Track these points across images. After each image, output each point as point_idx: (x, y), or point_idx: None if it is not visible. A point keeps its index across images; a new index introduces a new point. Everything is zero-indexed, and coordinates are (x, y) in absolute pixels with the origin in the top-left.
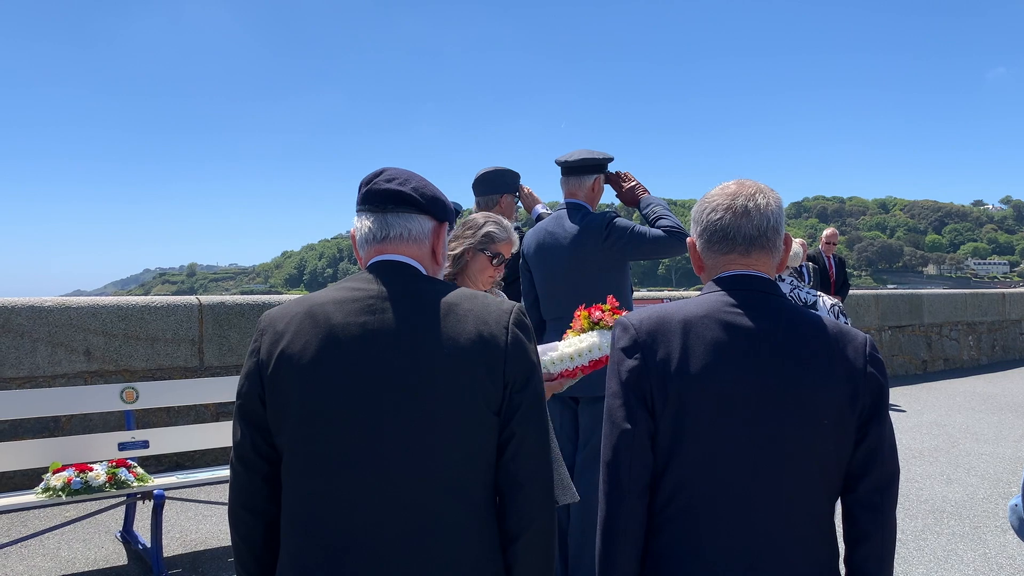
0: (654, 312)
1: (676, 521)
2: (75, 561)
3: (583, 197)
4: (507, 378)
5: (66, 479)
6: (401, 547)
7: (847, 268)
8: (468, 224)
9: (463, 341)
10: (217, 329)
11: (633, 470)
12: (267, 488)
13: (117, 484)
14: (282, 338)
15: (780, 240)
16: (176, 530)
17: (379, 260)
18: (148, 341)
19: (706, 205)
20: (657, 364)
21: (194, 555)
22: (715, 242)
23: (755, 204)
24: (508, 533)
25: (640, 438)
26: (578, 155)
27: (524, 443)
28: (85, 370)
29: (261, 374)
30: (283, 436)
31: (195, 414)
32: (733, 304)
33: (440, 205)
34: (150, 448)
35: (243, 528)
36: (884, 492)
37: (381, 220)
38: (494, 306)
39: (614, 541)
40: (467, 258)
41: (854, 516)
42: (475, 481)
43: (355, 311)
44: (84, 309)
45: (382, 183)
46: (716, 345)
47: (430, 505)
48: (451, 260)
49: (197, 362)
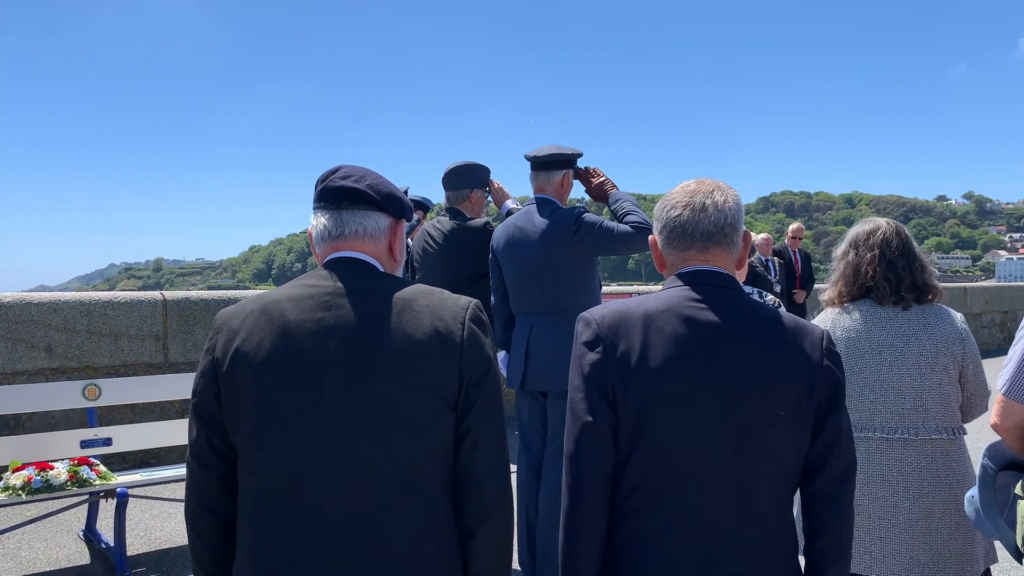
0: (616, 307)
1: (637, 513)
2: (36, 561)
3: (552, 192)
4: (463, 373)
5: (26, 478)
6: (357, 543)
7: (812, 263)
8: None
9: (419, 337)
10: (182, 325)
11: (595, 463)
12: (224, 487)
13: (79, 482)
14: (237, 336)
15: (738, 237)
16: (140, 528)
17: (335, 257)
18: (112, 337)
19: (666, 203)
20: (618, 358)
21: (159, 553)
22: (674, 238)
23: (712, 201)
24: (465, 528)
25: (601, 431)
26: (547, 150)
27: (480, 438)
28: (47, 367)
29: (216, 372)
30: (239, 434)
31: (160, 411)
32: (693, 299)
33: (396, 202)
34: (113, 446)
35: (200, 527)
36: (842, 484)
37: (336, 217)
38: (450, 302)
39: (576, 533)
40: None
41: (812, 508)
42: (432, 476)
43: (310, 308)
44: (45, 305)
45: (337, 180)
46: (676, 339)
47: (386, 501)
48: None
49: (162, 358)
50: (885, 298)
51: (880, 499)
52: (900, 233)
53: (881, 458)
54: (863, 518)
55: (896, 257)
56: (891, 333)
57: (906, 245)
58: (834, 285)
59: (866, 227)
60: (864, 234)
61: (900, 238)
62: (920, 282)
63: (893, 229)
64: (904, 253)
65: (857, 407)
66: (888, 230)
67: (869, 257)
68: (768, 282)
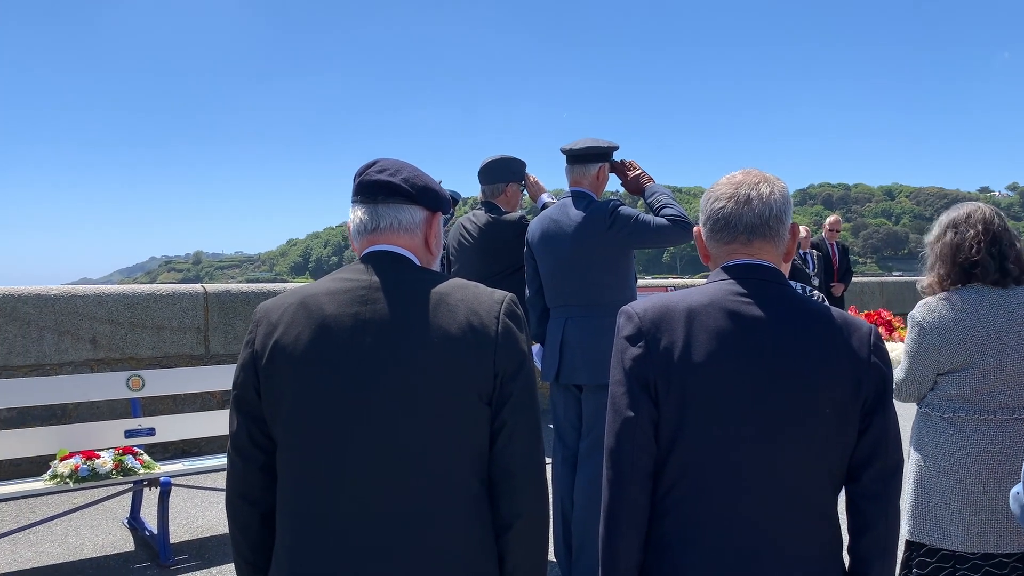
0: (659, 301)
1: (679, 508)
2: (83, 547)
3: (588, 185)
4: (498, 367)
5: (73, 466)
6: (393, 536)
7: (851, 255)
8: None
9: (454, 331)
10: (223, 317)
11: (636, 457)
12: (263, 478)
13: (124, 471)
14: (276, 329)
15: (785, 230)
16: (182, 517)
17: (371, 251)
18: (154, 329)
19: (711, 194)
20: (661, 352)
21: (200, 541)
22: (718, 230)
23: (758, 193)
24: (501, 522)
25: (643, 426)
26: (583, 143)
27: (516, 432)
28: (91, 358)
29: (256, 365)
30: (278, 426)
31: (201, 402)
32: (738, 293)
33: (431, 195)
34: (156, 435)
35: (240, 517)
36: (888, 482)
37: (372, 211)
38: (485, 296)
39: (616, 528)
40: None
41: (857, 506)
42: (467, 470)
43: (347, 302)
44: (90, 297)
45: (373, 174)
46: (720, 333)
47: (422, 494)
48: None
49: (203, 350)
50: (989, 273)
51: (986, 479)
52: (998, 213)
53: (998, 437)
54: (954, 496)
55: (1000, 232)
56: (1006, 318)
57: (1004, 224)
58: (931, 270)
59: (963, 209)
60: (963, 215)
61: (999, 217)
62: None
63: (991, 209)
64: (1005, 229)
65: (975, 391)
66: (987, 209)
67: (972, 233)
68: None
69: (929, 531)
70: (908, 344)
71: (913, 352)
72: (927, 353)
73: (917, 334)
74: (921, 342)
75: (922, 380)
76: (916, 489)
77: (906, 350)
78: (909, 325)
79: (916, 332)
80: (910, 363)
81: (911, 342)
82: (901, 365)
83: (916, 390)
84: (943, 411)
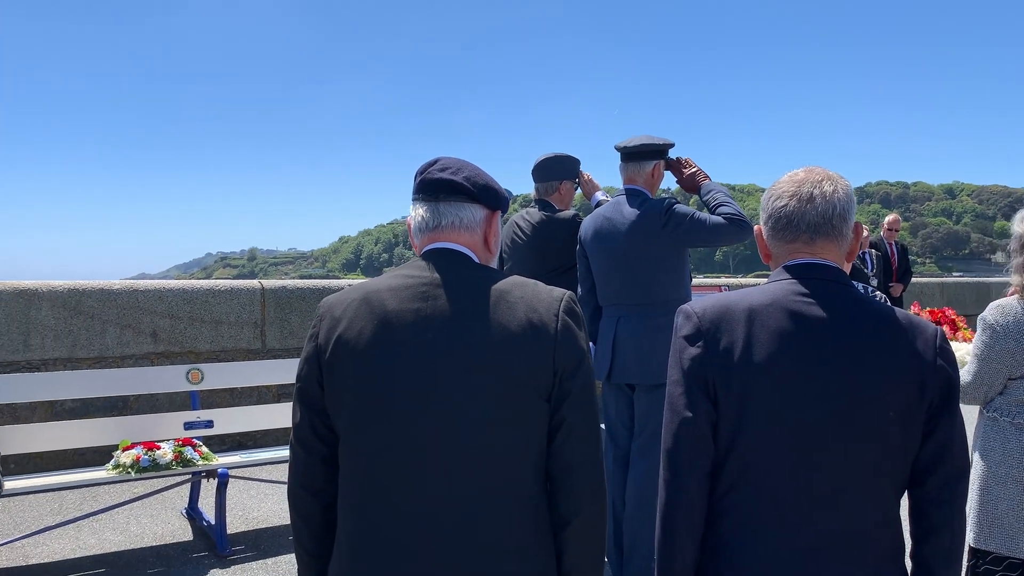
0: (718, 300)
1: (737, 509)
2: (143, 536)
3: (642, 183)
4: (557, 365)
5: (135, 456)
6: (452, 531)
7: (910, 255)
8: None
9: (513, 328)
10: (279, 312)
11: (693, 458)
12: (325, 469)
13: (183, 462)
14: (339, 324)
15: (848, 228)
16: (239, 508)
17: (432, 248)
18: (212, 324)
19: (773, 192)
20: (720, 352)
21: (256, 532)
22: (780, 229)
23: (821, 191)
24: (559, 518)
25: (701, 426)
26: (638, 141)
27: (574, 429)
28: (152, 351)
29: (319, 358)
30: (340, 419)
31: (257, 395)
32: (800, 293)
33: (491, 194)
34: (214, 428)
35: (302, 507)
36: (954, 487)
37: (434, 209)
38: (545, 293)
39: (673, 529)
40: None
41: (922, 511)
42: (526, 466)
43: (409, 298)
44: (151, 292)
45: (435, 172)
46: (781, 334)
47: (481, 490)
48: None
49: (259, 344)
50: None
51: None
52: None
53: None
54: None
55: None
56: None
57: None
58: (1020, 271)
59: None
60: None
61: None
62: None
63: None
64: None
65: None
66: None
67: None
68: (864, 275)
69: (996, 539)
70: (978, 346)
71: (983, 355)
72: (999, 357)
73: (989, 336)
74: (993, 345)
75: (991, 384)
76: (981, 495)
77: (975, 352)
78: (980, 327)
79: (988, 335)
80: (979, 366)
81: (981, 344)
82: (967, 367)
83: (983, 394)
84: (1012, 416)
